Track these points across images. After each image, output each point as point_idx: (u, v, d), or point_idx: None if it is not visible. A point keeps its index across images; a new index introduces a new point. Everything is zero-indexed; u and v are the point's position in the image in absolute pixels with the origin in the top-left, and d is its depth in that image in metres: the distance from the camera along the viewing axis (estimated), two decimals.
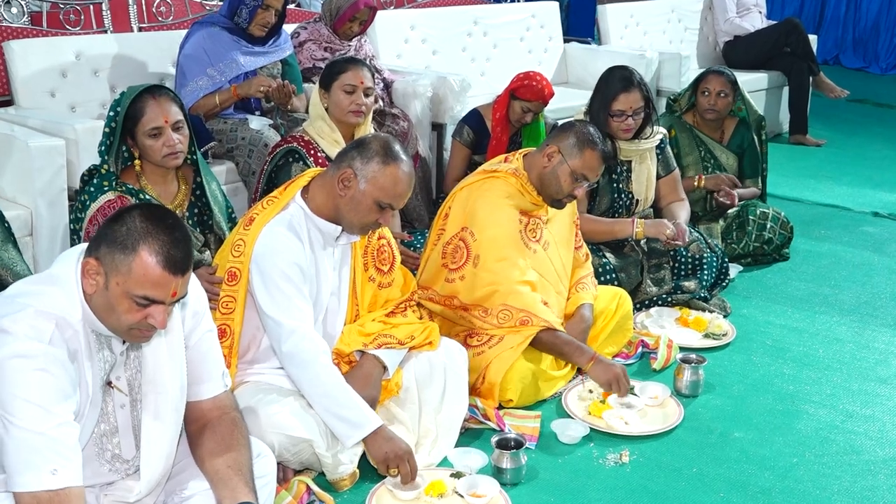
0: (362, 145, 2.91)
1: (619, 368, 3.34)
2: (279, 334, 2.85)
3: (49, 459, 2.06)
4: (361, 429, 2.81)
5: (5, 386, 2.06)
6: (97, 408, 2.28)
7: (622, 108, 4.08)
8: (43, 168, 3.83)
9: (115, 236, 2.14)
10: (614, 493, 2.93)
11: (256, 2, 4.42)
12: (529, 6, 6.93)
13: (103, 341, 2.26)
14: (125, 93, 3.15)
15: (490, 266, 3.38)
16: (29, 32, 4.83)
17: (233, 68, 4.46)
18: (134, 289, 2.12)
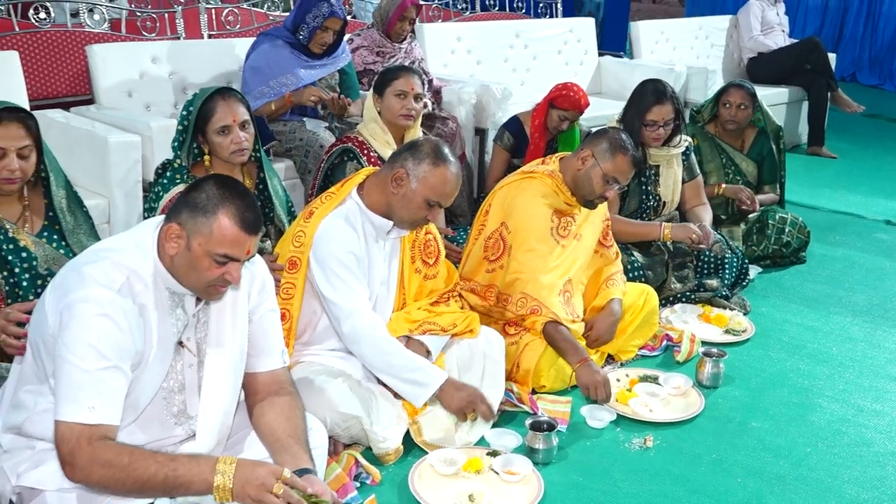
0: (414, 147, 2.92)
1: (602, 376, 3.26)
2: (339, 316, 2.87)
3: (90, 396, 2.10)
4: (429, 386, 2.85)
5: (70, 324, 2.12)
6: (165, 363, 2.32)
7: (655, 119, 4.06)
8: (120, 162, 3.88)
9: (196, 203, 2.20)
10: (638, 475, 2.92)
11: (316, 24, 4.42)
12: (567, 21, 6.92)
13: (177, 300, 2.30)
14: (197, 94, 3.18)
15: (518, 256, 3.39)
16: (109, 37, 4.89)
17: (292, 81, 4.46)
18: (215, 248, 2.18)
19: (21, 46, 4.51)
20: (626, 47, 8.11)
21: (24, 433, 2.34)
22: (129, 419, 2.32)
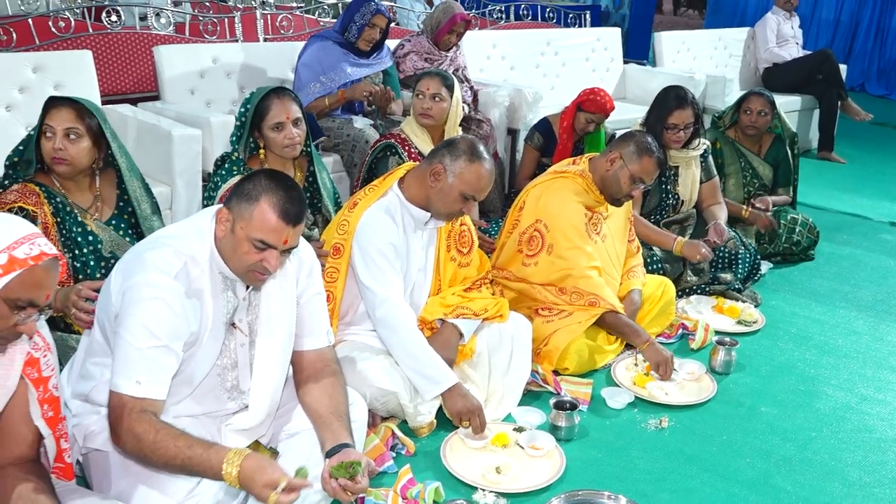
0: (452, 145, 2.91)
1: (668, 354, 3.30)
2: (373, 302, 2.87)
3: (139, 371, 2.11)
4: (440, 385, 2.82)
5: (129, 304, 2.14)
6: (219, 342, 2.33)
7: (675, 122, 4.04)
8: (182, 153, 3.89)
9: (244, 190, 2.21)
10: (653, 454, 2.90)
11: (364, 21, 4.45)
12: (595, 31, 6.87)
13: (228, 284, 2.31)
14: (254, 93, 3.19)
15: (563, 253, 3.37)
16: (174, 39, 4.92)
17: (341, 77, 4.49)
18: (253, 233, 2.17)
19: (94, 46, 4.55)
20: (649, 56, 8.03)
21: (91, 401, 2.37)
22: (185, 393, 2.34)
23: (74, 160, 2.75)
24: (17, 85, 3.96)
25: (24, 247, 1.77)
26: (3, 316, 1.77)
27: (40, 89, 3.99)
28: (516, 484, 2.64)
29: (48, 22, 4.64)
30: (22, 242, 1.78)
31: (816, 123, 7.42)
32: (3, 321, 1.77)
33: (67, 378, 2.45)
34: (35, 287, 1.79)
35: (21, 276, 1.75)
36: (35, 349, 1.96)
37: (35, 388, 1.96)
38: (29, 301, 1.79)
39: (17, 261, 1.75)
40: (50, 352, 2.00)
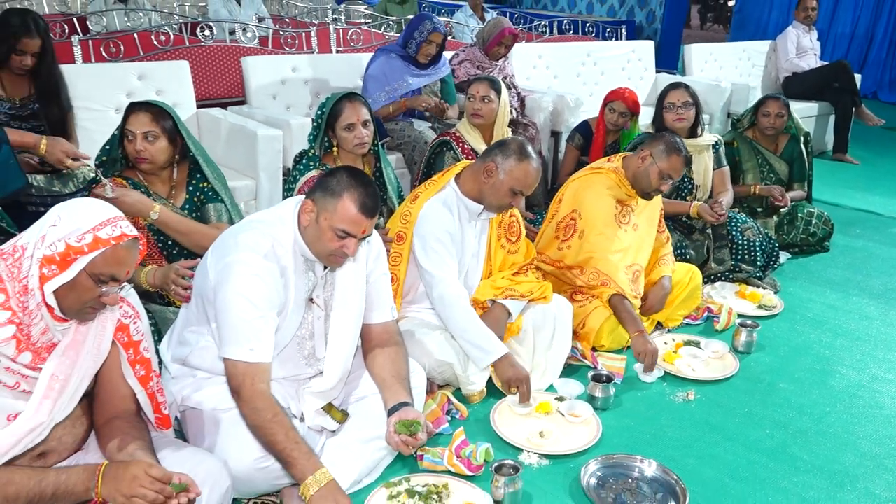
0: (503, 146, 2.89)
1: (653, 347, 3.14)
2: (431, 282, 2.86)
3: (248, 339, 2.15)
4: (491, 355, 2.81)
5: (229, 280, 2.18)
6: (299, 316, 2.36)
7: (672, 101, 4.09)
8: (266, 151, 3.93)
9: (328, 185, 2.23)
10: (681, 423, 2.86)
11: (422, 38, 4.44)
12: (630, 44, 6.76)
13: (308, 265, 2.34)
14: (329, 97, 3.20)
15: (590, 239, 3.33)
16: (259, 51, 4.96)
17: (403, 87, 4.49)
18: (336, 223, 2.20)
19: (190, 57, 4.61)
20: (678, 66, 7.87)
21: (188, 364, 2.41)
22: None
23: (154, 158, 2.78)
24: (124, 91, 4.04)
25: (107, 228, 1.80)
26: (89, 288, 1.80)
27: (144, 94, 4.06)
28: (557, 447, 2.63)
29: (151, 36, 4.70)
30: (106, 224, 1.80)
31: (832, 128, 7.21)
32: (89, 293, 1.80)
33: (168, 345, 2.50)
34: (117, 264, 1.81)
35: (104, 254, 1.78)
36: (125, 317, 1.99)
37: (125, 350, 1.99)
38: (111, 276, 1.81)
39: (101, 240, 1.77)
40: (139, 319, 2.03)
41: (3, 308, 1.75)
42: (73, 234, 1.76)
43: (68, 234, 1.76)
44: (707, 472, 2.57)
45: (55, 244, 1.75)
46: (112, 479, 1.74)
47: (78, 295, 1.79)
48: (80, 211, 1.80)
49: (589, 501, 2.38)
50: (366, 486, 2.38)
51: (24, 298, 1.76)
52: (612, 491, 2.45)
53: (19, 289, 1.76)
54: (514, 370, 2.81)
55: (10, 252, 1.80)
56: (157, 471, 1.75)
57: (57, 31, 5.04)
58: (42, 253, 1.75)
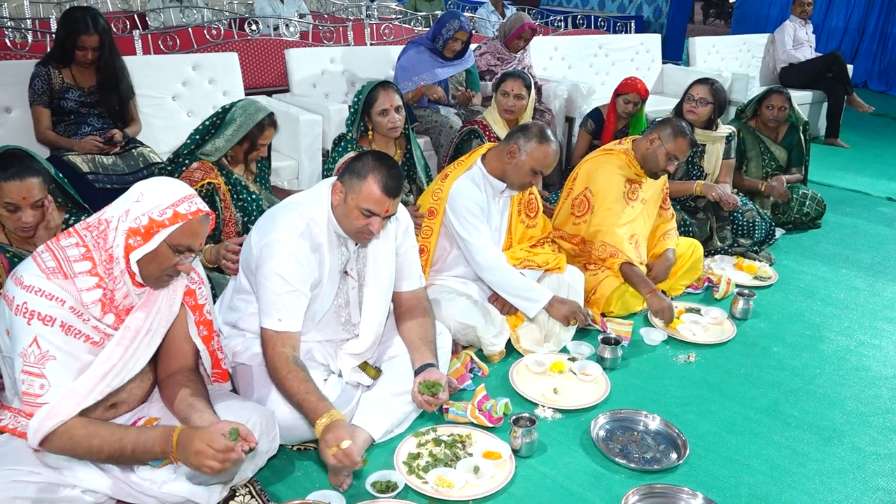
0: (525, 129, 2.86)
1: (668, 303, 3.14)
2: (472, 250, 2.85)
3: (279, 310, 2.16)
4: (540, 301, 2.84)
5: (267, 258, 2.19)
6: (335, 286, 2.36)
7: (692, 94, 3.97)
8: (307, 134, 3.92)
9: (355, 168, 2.22)
10: (682, 382, 2.84)
11: (449, 35, 4.37)
12: (639, 37, 6.62)
13: (342, 241, 2.33)
14: (365, 85, 3.17)
15: (599, 213, 3.29)
16: (300, 44, 4.94)
17: (431, 77, 4.43)
18: (362, 203, 2.19)
19: (239, 50, 4.59)
20: (683, 57, 7.71)
21: (237, 327, 2.43)
22: (310, 326, 2.38)
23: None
24: (180, 80, 4.03)
25: (184, 204, 1.81)
26: (168, 258, 1.82)
27: (198, 83, 4.06)
28: (570, 402, 2.62)
29: (203, 31, 4.69)
30: (183, 200, 1.82)
31: (824, 114, 7.03)
32: (167, 261, 1.83)
33: (219, 309, 2.52)
34: (192, 236, 1.83)
35: (182, 227, 1.80)
36: (192, 283, 2.01)
37: (192, 312, 2.02)
38: (187, 246, 1.84)
39: (179, 215, 1.79)
40: (203, 285, 2.06)
41: (91, 274, 1.79)
42: (155, 209, 1.79)
43: (151, 209, 1.78)
44: (706, 426, 2.55)
45: (139, 218, 1.78)
46: (183, 448, 1.76)
47: (158, 263, 1.82)
48: (160, 188, 1.82)
49: (598, 451, 2.38)
50: (397, 435, 2.39)
51: (110, 266, 1.79)
52: (618, 442, 2.44)
53: (105, 257, 1.80)
54: (566, 306, 2.85)
55: (95, 225, 1.83)
56: (218, 443, 1.76)
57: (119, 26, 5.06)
58: (127, 225, 1.78)
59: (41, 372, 1.72)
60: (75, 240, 1.81)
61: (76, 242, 1.81)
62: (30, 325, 1.71)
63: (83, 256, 1.79)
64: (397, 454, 2.27)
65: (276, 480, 2.19)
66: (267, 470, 2.20)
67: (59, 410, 1.73)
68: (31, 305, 1.71)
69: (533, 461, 2.32)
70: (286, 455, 2.29)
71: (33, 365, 1.71)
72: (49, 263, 1.77)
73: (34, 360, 1.71)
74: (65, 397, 1.74)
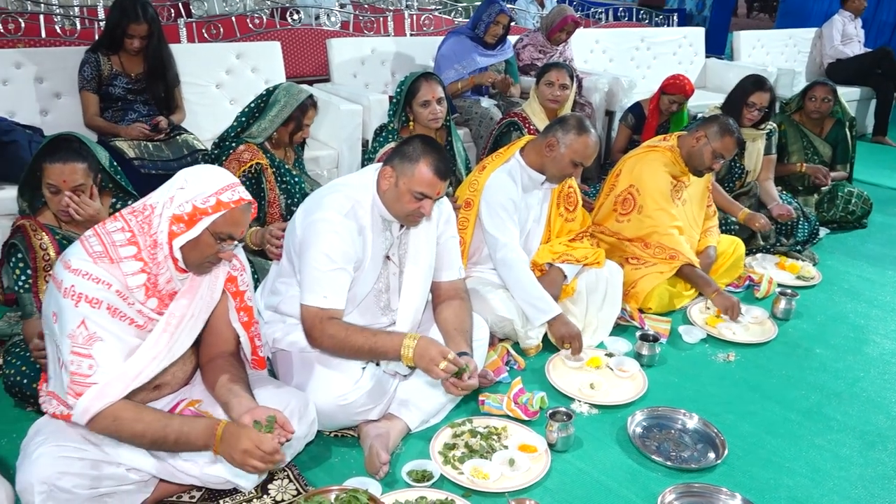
0: (563, 121, 2.83)
1: (735, 300, 3.14)
2: (495, 246, 2.84)
3: (324, 288, 2.18)
4: (546, 314, 2.79)
5: (312, 236, 2.20)
6: (376, 271, 2.37)
7: (755, 102, 3.83)
8: (347, 124, 3.94)
9: (405, 153, 2.23)
10: (721, 381, 2.80)
11: (490, 19, 4.38)
12: (682, 30, 6.53)
13: (386, 225, 2.34)
14: (408, 76, 3.18)
15: (651, 213, 3.26)
16: (341, 34, 4.96)
17: (472, 65, 4.44)
18: (414, 186, 2.20)
19: (281, 39, 4.63)
20: (725, 51, 7.56)
21: (279, 311, 2.45)
22: (351, 309, 2.39)
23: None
24: (224, 68, 4.08)
25: (227, 192, 1.83)
26: (210, 245, 1.85)
27: (241, 72, 4.11)
28: (607, 398, 2.60)
29: (246, 20, 4.74)
30: (226, 189, 1.84)
31: (873, 111, 6.86)
32: (210, 249, 1.85)
33: (261, 293, 2.55)
34: (234, 224, 1.85)
35: (224, 216, 1.82)
36: (234, 269, 2.04)
37: (233, 299, 2.05)
38: (228, 234, 1.86)
39: (222, 203, 1.81)
40: (245, 271, 2.08)
41: (136, 259, 1.82)
42: (199, 196, 1.81)
43: (195, 197, 1.81)
44: (745, 426, 2.51)
45: (183, 205, 1.80)
46: (228, 443, 1.78)
47: (200, 250, 1.84)
48: (204, 176, 1.85)
49: (634, 448, 2.36)
50: (433, 426, 2.40)
51: (154, 251, 1.82)
52: (655, 440, 2.42)
53: (150, 242, 1.82)
54: (566, 328, 2.79)
55: (140, 210, 1.86)
56: (267, 445, 1.78)
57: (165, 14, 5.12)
58: (171, 212, 1.81)
59: (89, 353, 1.76)
60: (121, 224, 1.85)
61: (122, 227, 1.84)
62: (77, 307, 1.75)
63: (128, 241, 1.82)
64: (433, 444, 2.28)
65: (314, 466, 2.22)
66: (304, 455, 2.23)
67: (108, 391, 1.77)
68: (79, 288, 1.75)
69: (569, 456, 2.31)
70: (324, 441, 2.31)
71: (81, 346, 1.75)
72: (96, 248, 1.81)
73: (82, 342, 1.75)
74: (114, 379, 1.78)
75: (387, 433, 2.26)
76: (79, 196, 2.29)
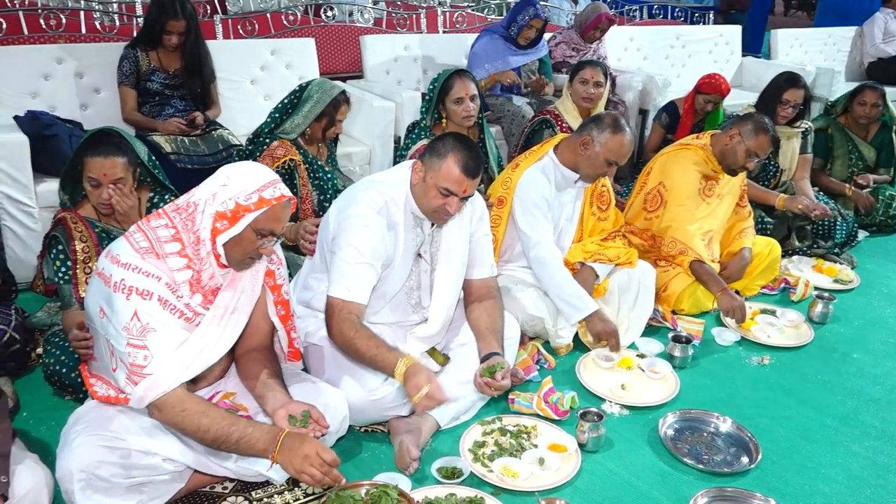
0: (598, 120, 2.81)
1: (740, 302, 3.06)
2: (529, 244, 2.83)
3: (348, 280, 2.19)
4: (583, 311, 2.78)
5: (343, 230, 2.23)
6: (407, 268, 2.38)
7: (788, 99, 3.78)
8: (380, 121, 3.95)
9: (436, 148, 2.24)
10: (755, 385, 2.76)
11: (524, 22, 4.35)
12: (718, 28, 6.44)
13: (417, 222, 2.35)
14: (441, 73, 3.18)
15: (671, 209, 3.23)
16: (374, 31, 4.97)
17: (504, 65, 4.42)
18: (440, 182, 2.20)
19: (315, 35, 4.65)
20: (763, 49, 7.42)
21: (310, 306, 2.47)
22: (381, 306, 2.40)
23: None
24: (258, 64, 4.12)
25: (269, 189, 1.85)
26: (252, 241, 1.87)
27: (276, 68, 4.14)
28: (638, 399, 2.58)
29: (281, 16, 4.77)
30: (268, 186, 1.86)
31: None
32: (251, 245, 1.87)
33: (294, 288, 2.57)
34: (275, 220, 1.87)
35: (266, 212, 1.84)
36: (271, 264, 2.06)
37: (271, 292, 2.07)
38: (270, 231, 1.88)
39: (264, 200, 1.83)
40: (282, 265, 2.11)
41: (181, 255, 1.85)
42: (241, 193, 1.83)
43: (237, 194, 1.83)
44: (780, 431, 2.48)
45: (226, 202, 1.83)
46: (289, 450, 1.80)
47: (242, 246, 1.87)
48: (246, 173, 1.87)
49: (666, 451, 2.34)
50: (463, 423, 2.40)
51: (198, 248, 1.85)
52: (687, 442, 2.39)
53: (193, 239, 1.85)
54: (603, 324, 2.77)
55: (183, 207, 1.89)
56: (328, 455, 1.80)
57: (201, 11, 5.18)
58: (214, 209, 1.83)
59: (143, 343, 1.79)
60: (165, 221, 1.88)
61: (165, 224, 1.87)
62: (129, 300, 1.78)
63: (173, 238, 1.85)
64: (463, 441, 2.28)
65: (345, 461, 2.22)
66: (335, 450, 2.20)
67: (160, 381, 1.80)
68: (129, 281, 1.78)
69: (599, 456, 2.30)
70: (354, 436, 2.33)
71: (136, 337, 1.78)
72: (142, 244, 1.84)
73: (136, 333, 1.78)
74: (166, 370, 1.81)
75: (417, 429, 2.26)
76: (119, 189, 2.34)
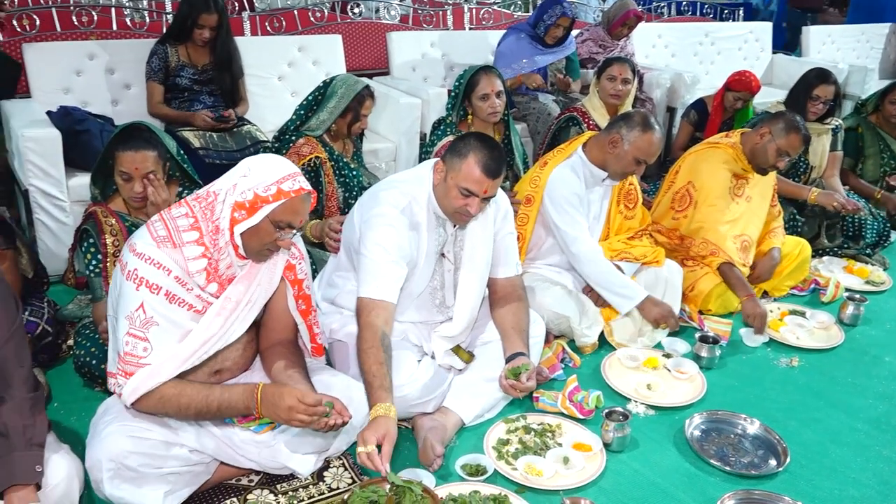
0: (627, 118, 2.79)
1: (763, 310, 3.00)
2: (567, 241, 2.82)
3: (376, 279, 2.19)
4: (634, 299, 2.78)
5: (368, 231, 2.23)
6: (430, 268, 2.38)
7: (819, 95, 3.73)
8: (406, 118, 3.96)
9: (457, 148, 2.23)
10: (783, 386, 2.72)
11: (551, 21, 4.31)
12: (748, 24, 6.35)
13: (440, 222, 2.35)
14: (467, 70, 3.18)
15: (702, 209, 3.18)
16: (400, 28, 4.97)
17: (530, 63, 4.39)
18: (461, 182, 2.20)
19: (342, 32, 4.66)
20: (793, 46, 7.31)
21: (335, 304, 2.48)
22: (406, 305, 2.41)
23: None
24: (286, 61, 4.14)
25: (288, 182, 1.86)
26: (269, 233, 1.87)
27: (303, 64, 4.16)
28: (664, 399, 2.56)
29: (308, 13, 4.79)
30: (287, 178, 1.86)
31: None
32: (269, 237, 1.88)
33: (318, 285, 2.59)
34: (293, 213, 1.87)
35: (284, 204, 1.85)
36: (293, 258, 2.07)
37: (292, 287, 2.08)
38: (288, 223, 1.88)
39: (283, 192, 1.84)
40: (304, 260, 2.11)
41: (198, 244, 1.86)
42: (260, 184, 1.84)
43: (257, 185, 1.84)
44: (808, 434, 2.44)
45: (245, 193, 1.83)
46: (270, 403, 1.83)
47: (260, 238, 1.87)
48: (266, 165, 1.88)
49: (692, 451, 2.31)
50: (487, 420, 2.40)
51: (216, 237, 1.86)
52: (714, 444, 2.36)
53: (212, 228, 1.86)
54: (658, 308, 2.78)
55: (204, 197, 1.90)
56: (311, 398, 1.82)
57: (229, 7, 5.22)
58: (234, 199, 1.84)
59: (145, 336, 1.81)
60: (185, 210, 1.90)
61: (186, 213, 1.89)
62: (138, 290, 1.80)
63: (191, 227, 1.87)
64: (487, 439, 2.28)
65: None
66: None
67: (159, 372, 1.83)
68: (141, 272, 1.80)
69: (624, 456, 2.28)
70: None
71: (138, 329, 1.81)
72: (160, 232, 1.86)
73: (139, 325, 1.81)
74: (166, 360, 1.83)
75: (441, 426, 2.26)
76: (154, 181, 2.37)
